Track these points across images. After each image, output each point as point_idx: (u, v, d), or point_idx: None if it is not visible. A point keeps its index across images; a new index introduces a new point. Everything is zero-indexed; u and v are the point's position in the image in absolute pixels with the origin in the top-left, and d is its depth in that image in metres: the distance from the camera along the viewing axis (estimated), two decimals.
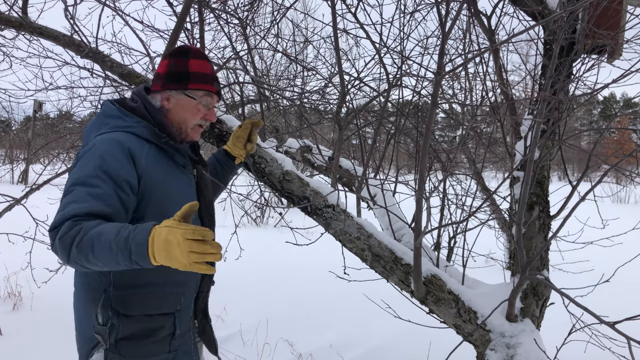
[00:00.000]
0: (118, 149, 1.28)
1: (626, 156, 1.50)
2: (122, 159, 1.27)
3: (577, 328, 1.73)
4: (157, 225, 1.08)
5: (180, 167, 1.46)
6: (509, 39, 1.41)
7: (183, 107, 1.45)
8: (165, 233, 1.04)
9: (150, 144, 1.38)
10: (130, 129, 1.36)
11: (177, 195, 1.40)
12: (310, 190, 2.09)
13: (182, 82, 1.43)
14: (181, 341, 1.44)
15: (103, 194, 1.21)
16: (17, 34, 2.46)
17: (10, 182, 14.48)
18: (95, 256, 1.10)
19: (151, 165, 1.34)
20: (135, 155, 1.30)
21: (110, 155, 1.26)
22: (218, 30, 3.34)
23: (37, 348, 3.35)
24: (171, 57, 1.46)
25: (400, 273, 1.97)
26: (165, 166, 1.40)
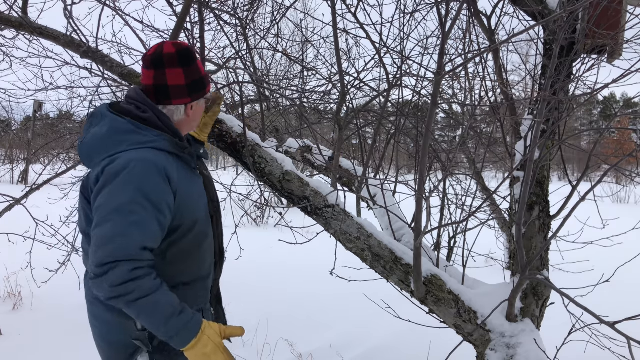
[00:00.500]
0: (154, 171, 1.24)
1: (626, 156, 1.50)
2: (160, 181, 1.25)
3: (577, 328, 1.73)
4: (204, 330, 1.24)
5: (193, 170, 1.47)
6: (509, 39, 1.41)
7: (201, 110, 1.49)
8: (209, 349, 1.23)
9: (172, 156, 1.36)
10: (153, 144, 1.30)
11: (196, 200, 1.43)
12: (310, 190, 2.09)
13: (202, 90, 1.45)
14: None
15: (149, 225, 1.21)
16: (17, 34, 2.46)
17: (10, 182, 14.48)
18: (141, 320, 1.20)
19: (181, 179, 1.34)
20: (169, 174, 1.28)
21: (149, 181, 1.23)
22: (218, 30, 3.34)
23: (37, 348, 3.35)
24: (183, 64, 1.37)
25: (400, 273, 1.97)
26: (187, 175, 1.41)
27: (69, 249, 3.34)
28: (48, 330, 3.67)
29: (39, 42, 2.76)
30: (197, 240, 1.42)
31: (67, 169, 2.85)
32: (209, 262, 1.51)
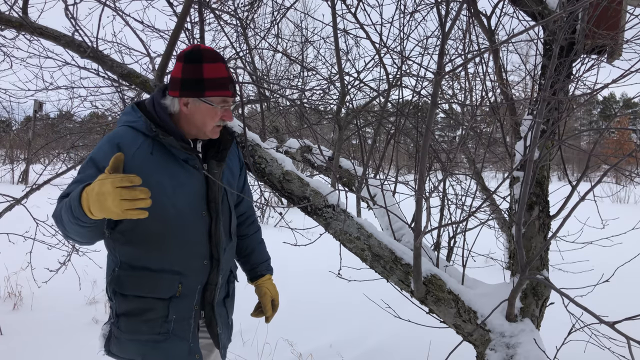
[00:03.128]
0: (108, 142, 1.43)
1: (626, 156, 1.50)
2: (108, 150, 1.40)
3: (577, 328, 1.73)
4: (88, 185, 1.18)
5: (180, 161, 1.51)
6: (509, 39, 1.41)
7: (202, 112, 1.50)
8: (97, 186, 1.12)
9: (147, 138, 1.48)
10: (132, 123, 1.48)
11: (167, 187, 1.47)
12: (310, 190, 2.10)
13: (198, 90, 1.46)
14: (176, 326, 1.52)
15: (85, 178, 1.35)
16: (17, 34, 2.46)
17: (10, 182, 14.48)
18: (62, 224, 1.26)
19: (140, 157, 1.44)
20: (123, 147, 1.42)
21: (100, 148, 1.43)
22: (218, 30, 3.35)
23: (37, 348, 3.35)
24: (185, 61, 1.47)
25: (400, 273, 1.98)
26: (160, 159, 1.48)
27: (69, 249, 3.33)
28: (48, 330, 3.67)
29: (39, 42, 2.76)
30: (165, 229, 1.47)
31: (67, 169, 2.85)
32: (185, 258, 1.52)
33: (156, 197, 1.38)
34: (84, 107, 4.12)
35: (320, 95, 3.37)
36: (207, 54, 1.48)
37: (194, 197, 1.53)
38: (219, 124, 1.54)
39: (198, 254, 1.55)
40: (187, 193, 1.51)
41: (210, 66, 1.47)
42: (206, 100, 1.48)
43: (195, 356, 1.56)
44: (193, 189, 1.53)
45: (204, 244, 1.57)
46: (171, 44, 2.08)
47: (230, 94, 1.51)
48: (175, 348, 1.52)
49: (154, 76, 2.13)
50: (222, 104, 1.51)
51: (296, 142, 2.94)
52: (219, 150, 1.62)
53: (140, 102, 1.57)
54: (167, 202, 1.46)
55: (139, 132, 1.47)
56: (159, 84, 2.11)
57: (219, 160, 1.62)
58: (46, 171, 3.48)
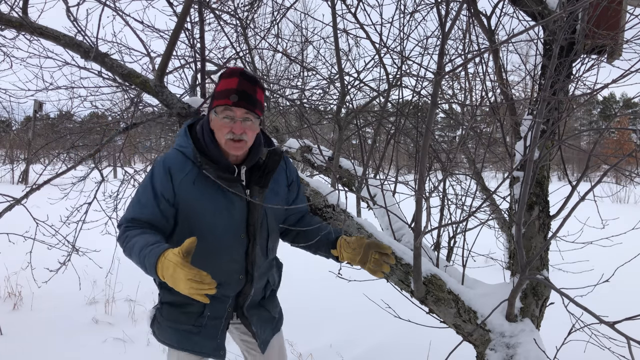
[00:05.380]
0: (162, 166, 1.58)
1: (626, 156, 1.50)
2: (162, 175, 1.57)
3: (577, 328, 1.73)
4: (165, 256, 1.36)
5: (223, 188, 1.61)
6: (509, 39, 1.41)
7: (215, 125, 1.59)
8: (171, 270, 1.32)
9: (194, 165, 1.60)
10: (183, 148, 1.62)
11: (206, 213, 1.60)
12: (310, 190, 2.10)
13: (211, 103, 1.58)
14: (210, 323, 1.71)
15: (145, 203, 1.56)
16: (17, 34, 2.46)
17: (10, 182, 14.48)
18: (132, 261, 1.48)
19: (186, 183, 1.58)
20: (173, 173, 1.58)
21: (156, 172, 1.59)
22: (218, 30, 3.34)
23: (37, 348, 3.35)
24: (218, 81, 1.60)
25: (400, 273, 1.98)
26: (203, 186, 1.60)
27: (69, 249, 3.33)
28: (48, 330, 3.67)
29: (39, 42, 2.76)
30: (205, 249, 1.61)
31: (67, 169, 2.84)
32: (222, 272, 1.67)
33: (198, 222, 1.60)
34: (84, 107, 4.13)
35: (320, 95, 3.37)
36: (229, 70, 1.58)
37: (233, 222, 1.65)
38: (232, 138, 1.57)
39: (234, 270, 1.71)
40: (226, 219, 1.63)
41: (225, 80, 1.56)
42: (215, 111, 1.56)
43: (220, 352, 1.75)
44: (233, 214, 1.64)
45: (240, 262, 1.71)
46: (171, 44, 2.08)
47: (230, 102, 1.52)
48: (205, 341, 1.72)
49: (154, 76, 2.13)
50: (225, 113, 1.55)
51: (296, 142, 2.94)
52: (263, 174, 1.68)
53: (194, 123, 1.68)
54: (207, 228, 1.61)
55: (188, 158, 1.59)
56: (159, 83, 2.11)
57: (261, 185, 1.68)
58: (46, 171, 3.48)
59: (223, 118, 1.55)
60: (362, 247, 1.70)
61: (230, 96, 1.53)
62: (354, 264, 1.73)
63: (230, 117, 1.55)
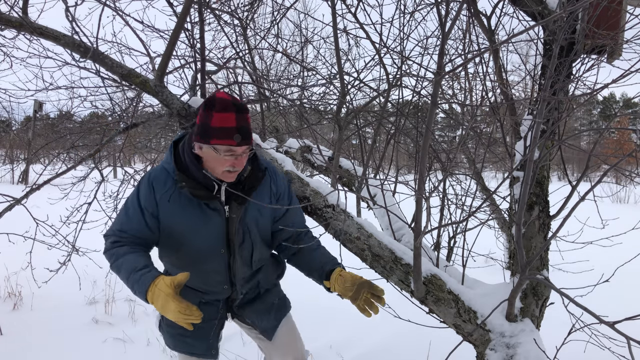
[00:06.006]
0: (147, 181, 1.66)
1: (626, 156, 1.50)
2: (146, 190, 1.64)
3: (577, 328, 1.73)
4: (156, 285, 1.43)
5: (202, 204, 1.65)
6: (509, 39, 1.41)
7: (211, 157, 1.59)
8: (162, 300, 1.40)
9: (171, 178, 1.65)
10: (166, 164, 1.67)
11: (185, 228, 1.66)
12: (310, 190, 2.10)
13: (206, 137, 1.54)
14: (203, 325, 1.79)
15: (132, 216, 1.64)
16: (17, 34, 2.46)
17: (10, 182, 14.48)
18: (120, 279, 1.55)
19: (166, 198, 1.64)
20: (155, 187, 1.64)
21: (142, 187, 1.66)
22: (218, 30, 3.34)
23: (37, 348, 3.35)
24: (203, 107, 1.56)
25: (400, 273, 1.98)
26: (182, 202, 1.65)
27: (69, 249, 3.33)
28: (48, 330, 3.67)
29: (39, 42, 2.76)
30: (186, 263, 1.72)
31: (67, 169, 2.84)
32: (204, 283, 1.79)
33: (177, 237, 1.67)
34: (84, 107, 4.12)
35: (320, 95, 3.37)
36: (220, 103, 1.53)
37: (211, 237, 1.69)
38: (230, 170, 1.60)
39: (217, 281, 1.78)
40: (204, 234, 1.68)
41: (219, 115, 1.52)
42: (212, 147, 1.55)
43: (212, 351, 1.86)
44: (211, 230, 1.68)
45: (222, 274, 1.77)
46: (171, 44, 2.08)
47: (235, 143, 1.54)
48: (197, 342, 1.83)
49: (154, 76, 2.13)
50: (228, 152, 1.56)
51: (296, 142, 2.94)
52: (242, 190, 1.68)
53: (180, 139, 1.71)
54: (185, 242, 1.68)
55: (170, 175, 1.65)
56: (159, 83, 2.11)
57: (239, 202, 1.69)
58: (46, 171, 3.48)
59: (225, 156, 1.56)
60: (355, 285, 1.68)
61: (234, 137, 1.53)
62: (344, 298, 1.71)
63: (232, 154, 1.57)
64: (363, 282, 1.68)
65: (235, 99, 1.56)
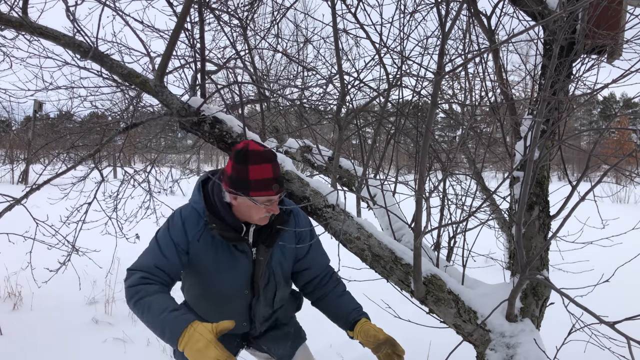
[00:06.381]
0: (179, 220, 1.66)
1: (626, 156, 1.50)
2: (179, 228, 1.65)
3: (577, 328, 1.73)
4: (195, 328, 1.38)
5: (230, 246, 1.69)
6: (509, 39, 1.41)
7: (247, 206, 1.63)
8: (201, 345, 1.34)
9: (202, 219, 1.67)
10: (196, 205, 1.69)
11: (211, 269, 1.69)
12: (310, 190, 2.10)
13: (244, 190, 1.58)
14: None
15: (167, 253, 1.61)
16: (17, 34, 2.46)
17: (10, 182, 14.48)
18: (143, 320, 1.48)
19: (198, 240, 1.65)
20: (187, 227, 1.65)
21: (175, 225, 1.66)
22: (218, 30, 3.34)
23: (37, 348, 3.35)
24: (235, 160, 1.59)
25: (400, 273, 1.98)
26: (212, 243, 1.67)
27: (69, 249, 3.33)
28: (48, 330, 3.67)
29: (39, 42, 2.75)
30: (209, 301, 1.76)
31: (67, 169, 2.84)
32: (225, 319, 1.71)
33: (203, 276, 1.70)
34: (84, 107, 4.11)
35: (320, 95, 3.37)
36: (254, 156, 1.58)
37: (237, 279, 1.73)
38: (265, 216, 1.66)
39: (237, 320, 1.77)
40: (230, 275, 1.71)
41: (256, 168, 1.57)
42: (251, 199, 1.59)
43: None
44: (237, 271, 1.72)
45: (243, 314, 1.81)
46: (171, 44, 2.08)
47: (274, 193, 1.61)
48: None
49: (154, 76, 2.13)
50: (267, 202, 1.62)
51: (296, 142, 2.94)
52: (270, 233, 1.73)
53: (208, 179, 1.74)
54: (211, 282, 1.71)
55: (200, 215, 1.67)
56: (159, 83, 2.11)
57: (267, 245, 1.73)
58: (46, 171, 3.47)
59: (263, 205, 1.62)
60: (377, 341, 1.70)
61: (273, 186, 1.60)
62: (367, 347, 1.76)
63: (269, 202, 1.63)
64: (386, 339, 1.70)
65: (266, 148, 1.63)
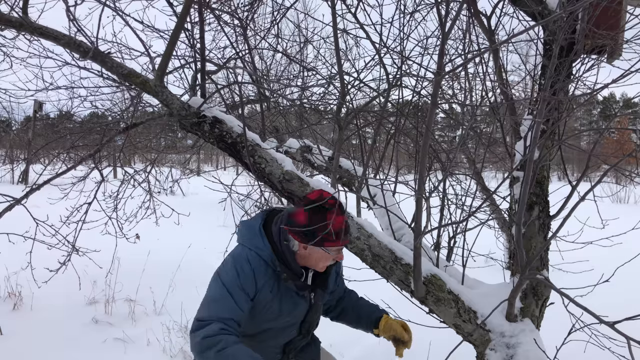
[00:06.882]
0: (248, 267, 1.64)
1: (626, 156, 1.50)
2: (249, 277, 1.63)
3: (577, 328, 1.73)
4: None
5: (293, 292, 1.73)
6: (509, 39, 1.41)
7: (318, 256, 1.68)
8: None
9: (270, 268, 1.68)
10: (260, 252, 1.68)
11: (273, 313, 1.72)
12: (310, 190, 2.09)
13: (317, 241, 1.61)
14: None
15: (240, 304, 1.60)
16: (17, 34, 2.46)
17: (10, 182, 14.48)
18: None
19: (265, 286, 1.66)
20: (257, 275, 1.64)
21: (244, 273, 1.63)
22: (218, 30, 3.34)
23: (37, 348, 3.35)
24: (312, 212, 1.61)
25: (400, 273, 1.98)
26: (278, 290, 1.70)
27: (69, 249, 3.33)
28: (48, 330, 3.67)
29: (39, 42, 2.76)
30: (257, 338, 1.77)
31: (67, 169, 2.84)
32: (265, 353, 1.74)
33: (258, 319, 1.71)
34: (84, 107, 4.11)
35: (320, 96, 3.37)
36: (331, 208, 1.63)
37: (292, 322, 1.79)
38: (331, 262, 1.73)
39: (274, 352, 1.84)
40: (287, 318, 1.76)
41: (332, 219, 1.62)
42: (325, 249, 1.63)
43: None
44: (294, 316, 1.78)
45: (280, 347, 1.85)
46: (171, 44, 2.08)
47: (346, 242, 1.70)
48: None
49: (154, 76, 2.13)
50: (338, 251, 1.69)
51: (296, 142, 2.94)
52: (325, 276, 1.81)
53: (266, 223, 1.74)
54: (264, 324, 1.74)
55: (267, 263, 1.67)
56: (159, 83, 2.11)
57: (323, 288, 1.81)
58: (46, 171, 3.47)
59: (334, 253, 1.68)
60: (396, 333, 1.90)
61: (346, 236, 1.67)
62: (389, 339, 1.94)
63: (339, 251, 1.71)
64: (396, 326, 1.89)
65: (336, 199, 1.67)
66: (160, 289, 4.74)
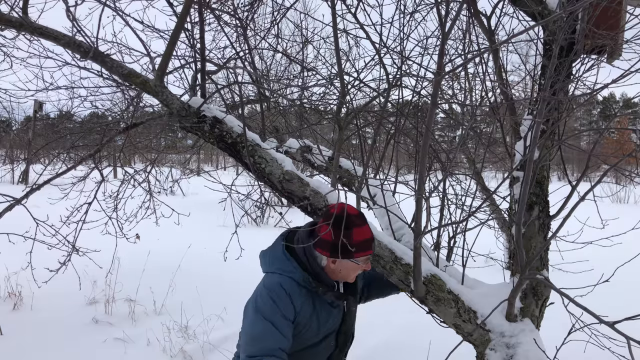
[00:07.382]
0: (284, 294, 1.67)
1: (626, 156, 1.50)
2: (288, 303, 1.66)
3: (576, 328, 1.73)
4: None
5: (327, 305, 1.78)
6: (509, 39, 1.41)
7: (348, 268, 1.72)
8: None
9: (304, 289, 1.72)
10: (291, 274, 1.71)
11: (313, 329, 1.76)
12: (310, 190, 2.10)
13: (347, 254, 1.65)
14: None
15: (282, 332, 1.64)
16: (17, 34, 2.46)
17: (10, 182, 14.49)
18: None
19: (303, 306, 1.70)
20: (294, 300, 1.68)
21: (282, 301, 1.66)
22: (218, 30, 3.34)
23: (37, 348, 3.35)
24: (335, 226, 1.63)
25: (400, 273, 1.98)
26: (314, 307, 1.74)
27: (69, 249, 3.33)
28: (48, 330, 3.67)
29: (39, 42, 2.76)
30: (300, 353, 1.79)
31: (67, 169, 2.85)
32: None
33: (303, 335, 1.75)
34: (84, 107, 4.11)
35: (320, 96, 3.37)
36: (356, 219, 1.67)
37: (330, 332, 1.84)
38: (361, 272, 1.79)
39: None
40: (326, 330, 1.82)
41: (358, 230, 1.66)
42: (354, 260, 1.68)
43: None
44: (332, 325, 1.83)
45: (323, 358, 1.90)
46: (171, 44, 2.08)
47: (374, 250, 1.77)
48: None
49: (154, 76, 2.13)
50: (367, 260, 1.74)
51: (296, 142, 2.94)
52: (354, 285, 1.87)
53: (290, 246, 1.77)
54: (308, 340, 1.78)
55: (299, 284, 1.71)
56: (159, 83, 2.11)
57: (354, 295, 1.87)
58: (46, 171, 3.48)
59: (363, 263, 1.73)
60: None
61: (372, 245, 1.73)
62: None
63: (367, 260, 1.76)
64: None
65: (357, 210, 1.73)
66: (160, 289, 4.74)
